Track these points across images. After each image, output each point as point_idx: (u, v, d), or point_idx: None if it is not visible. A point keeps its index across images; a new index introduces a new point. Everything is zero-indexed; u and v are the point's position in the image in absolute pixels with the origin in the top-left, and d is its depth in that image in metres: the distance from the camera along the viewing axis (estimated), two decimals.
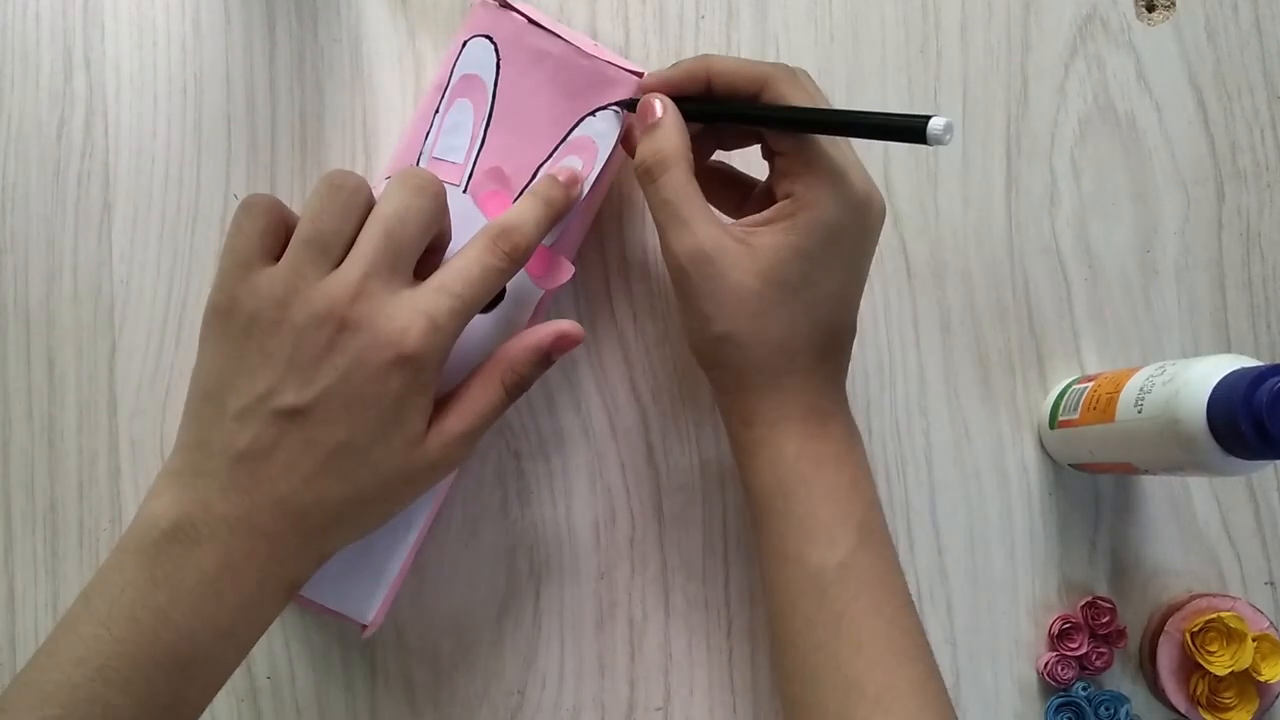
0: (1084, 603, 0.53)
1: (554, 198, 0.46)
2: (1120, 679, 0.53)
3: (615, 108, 0.48)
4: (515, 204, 0.46)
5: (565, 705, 0.52)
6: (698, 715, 0.52)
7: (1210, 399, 0.42)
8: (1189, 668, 0.52)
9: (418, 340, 0.40)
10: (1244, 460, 0.42)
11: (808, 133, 0.44)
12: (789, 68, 0.45)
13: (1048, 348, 0.55)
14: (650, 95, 0.46)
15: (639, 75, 0.48)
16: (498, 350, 0.45)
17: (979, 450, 0.54)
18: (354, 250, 0.41)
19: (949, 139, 0.39)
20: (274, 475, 0.40)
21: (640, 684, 0.52)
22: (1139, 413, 0.46)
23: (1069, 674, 0.52)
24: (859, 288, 0.46)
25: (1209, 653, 0.51)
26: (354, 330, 0.40)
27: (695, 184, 0.44)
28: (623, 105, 0.48)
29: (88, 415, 0.52)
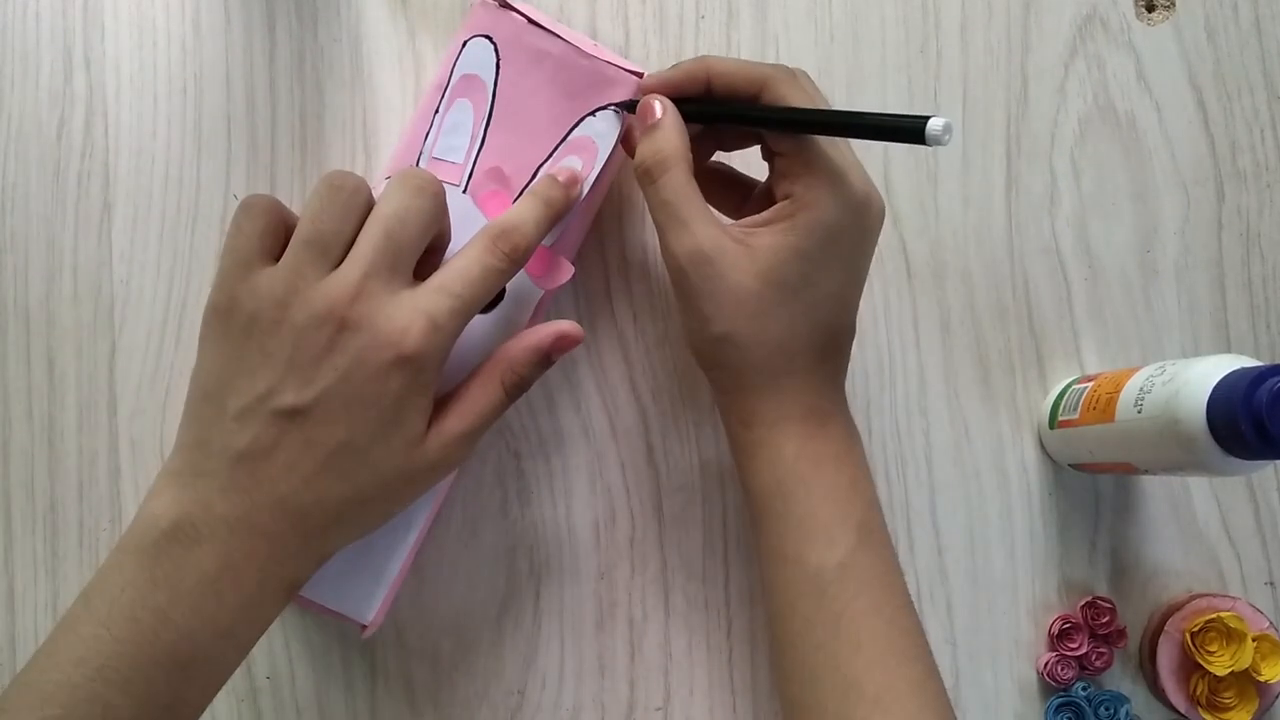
0: (1084, 603, 0.53)
1: (554, 198, 0.46)
2: (1120, 679, 0.53)
3: (615, 107, 0.48)
4: (515, 204, 0.46)
5: (565, 705, 0.52)
6: (698, 715, 0.52)
7: (1210, 399, 0.42)
8: (1189, 668, 0.52)
9: (417, 340, 0.40)
10: (1244, 460, 0.42)
11: (807, 133, 0.44)
12: (788, 69, 0.45)
13: (1048, 348, 0.55)
14: (650, 96, 0.46)
15: (639, 75, 0.48)
16: (497, 350, 0.45)
17: (979, 450, 0.54)
18: (354, 250, 0.41)
19: (948, 139, 0.39)
20: (274, 475, 0.40)
21: (640, 684, 0.52)
22: (1139, 413, 0.46)
23: (1069, 674, 0.52)
24: (858, 288, 0.46)
25: (1209, 653, 0.51)
26: (354, 330, 0.40)
27: (694, 185, 0.44)
28: (622, 106, 0.48)
29: (88, 415, 0.52)
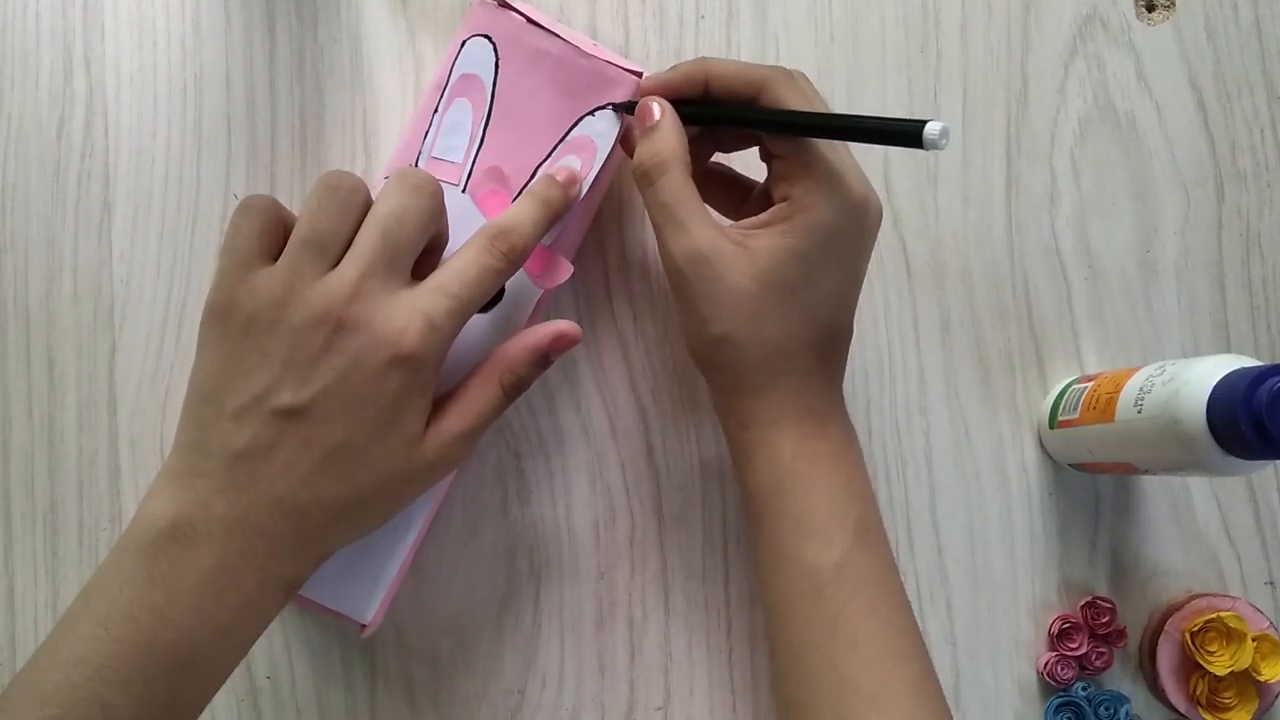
0: (1084, 603, 0.53)
1: (552, 198, 0.46)
2: (1120, 679, 0.53)
3: (614, 108, 0.48)
4: (513, 204, 0.46)
5: (565, 705, 0.52)
6: (698, 715, 0.52)
7: (1210, 399, 0.42)
8: (1189, 668, 0.52)
9: (415, 340, 0.40)
10: (1244, 460, 0.42)
11: (805, 136, 0.44)
12: (787, 71, 0.45)
13: (1048, 348, 0.55)
14: (648, 98, 0.46)
15: (638, 75, 0.48)
16: (496, 350, 0.45)
17: (979, 450, 0.54)
18: (351, 250, 0.41)
19: (945, 144, 0.39)
20: (272, 475, 0.40)
21: (640, 684, 0.52)
22: (1139, 413, 0.45)
23: (1069, 674, 0.52)
24: (856, 289, 0.46)
25: (1209, 653, 0.51)
26: (351, 330, 0.40)
27: (692, 186, 0.44)
28: (621, 107, 0.48)
29: (88, 415, 0.52)
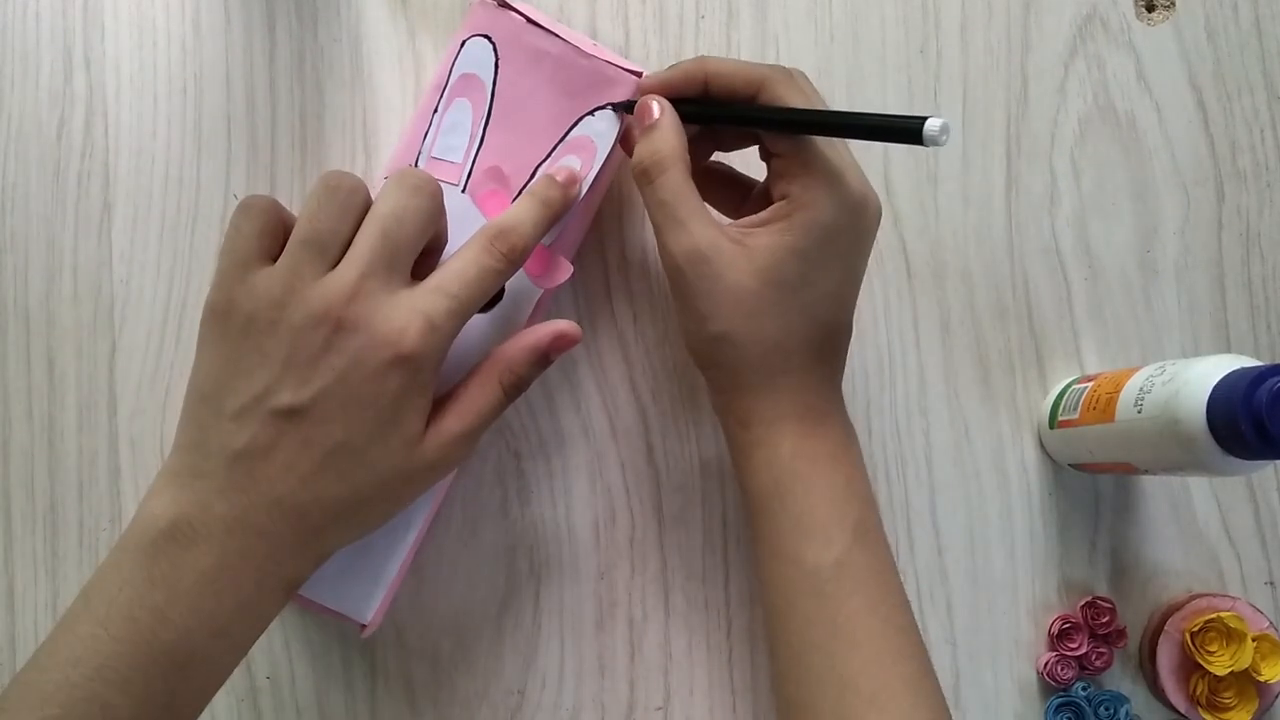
0: (1084, 603, 0.53)
1: (552, 198, 0.46)
2: (1120, 679, 0.53)
3: (613, 107, 0.48)
4: (513, 204, 0.46)
5: (565, 705, 0.52)
6: (698, 715, 0.52)
7: (1210, 399, 0.42)
8: (1189, 668, 0.52)
9: (415, 340, 0.40)
10: (1244, 460, 0.42)
11: (804, 134, 0.44)
12: (786, 69, 0.45)
13: (1048, 348, 0.54)
14: (647, 97, 0.46)
15: (638, 75, 0.48)
16: (496, 350, 0.45)
17: (979, 450, 0.54)
18: (351, 250, 0.41)
19: (945, 140, 0.39)
20: (271, 475, 0.40)
21: (640, 684, 0.52)
22: (1139, 413, 0.45)
23: (1069, 674, 0.52)
24: (855, 288, 0.46)
25: (1209, 653, 0.51)
26: (351, 330, 0.40)
27: (692, 185, 0.44)
28: (620, 107, 0.48)
29: (88, 415, 0.52)
